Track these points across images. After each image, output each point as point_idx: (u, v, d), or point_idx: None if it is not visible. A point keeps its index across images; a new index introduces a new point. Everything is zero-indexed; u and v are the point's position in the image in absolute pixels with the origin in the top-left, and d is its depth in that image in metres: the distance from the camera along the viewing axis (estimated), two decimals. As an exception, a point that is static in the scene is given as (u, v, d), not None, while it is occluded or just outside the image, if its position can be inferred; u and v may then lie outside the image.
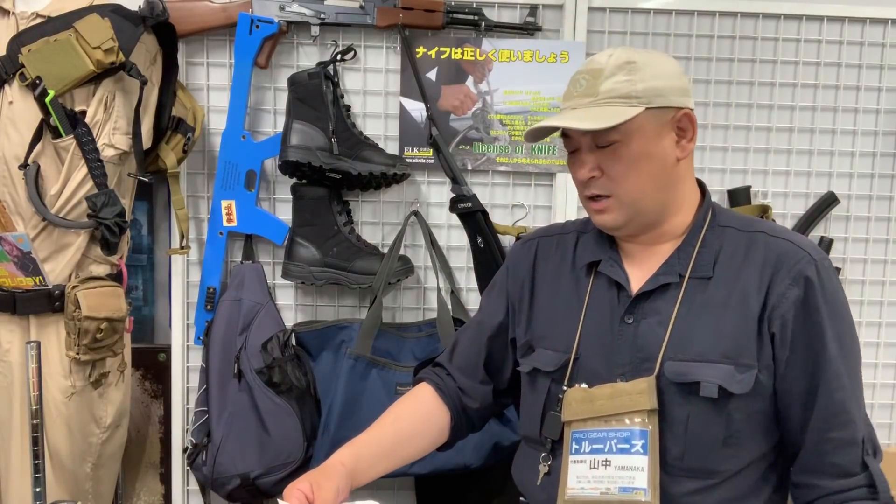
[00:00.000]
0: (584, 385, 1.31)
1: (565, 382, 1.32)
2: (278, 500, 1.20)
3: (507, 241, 2.07)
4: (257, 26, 2.00)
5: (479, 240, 2.00)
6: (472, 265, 2.07)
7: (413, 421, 1.43)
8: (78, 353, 1.74)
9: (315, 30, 2.04)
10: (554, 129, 1.31)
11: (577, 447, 1.28)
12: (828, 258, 1.30)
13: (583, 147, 1.28)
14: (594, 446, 1.27)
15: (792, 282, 1.24)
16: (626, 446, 1.25)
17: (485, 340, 1.48)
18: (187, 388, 2.15)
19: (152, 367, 2.19)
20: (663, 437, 1.24)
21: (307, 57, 2.09)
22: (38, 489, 1.30)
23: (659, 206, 1.30)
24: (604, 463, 1.26)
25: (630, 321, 1.30)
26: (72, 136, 1.70)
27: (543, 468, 1.34)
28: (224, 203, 2.08)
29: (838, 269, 2.17)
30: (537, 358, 1.37)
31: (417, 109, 2.09)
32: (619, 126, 1.23)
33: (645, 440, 1.24)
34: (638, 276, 1.33)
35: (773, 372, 1.25)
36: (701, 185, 1.37)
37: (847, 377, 1.25)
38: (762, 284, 1.26)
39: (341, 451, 1.35)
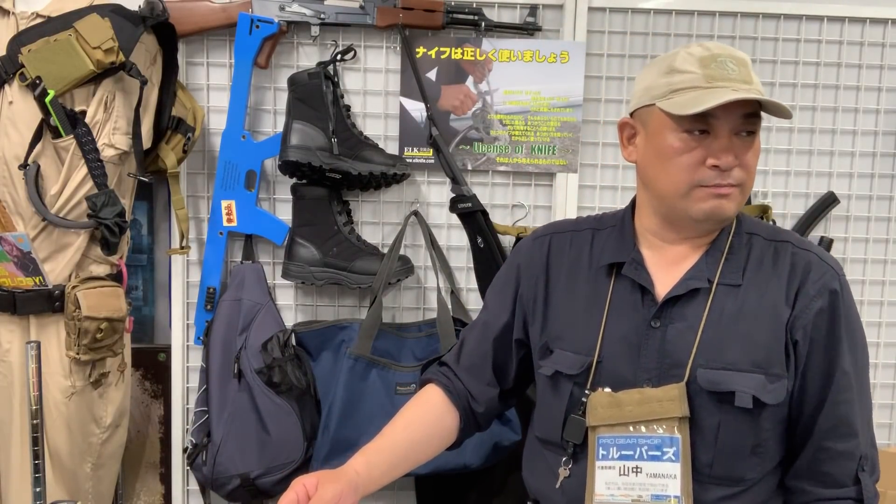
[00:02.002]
0: (608, 389, 1.29)
1: (588, 386, 1.31)
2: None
3: (507, 241, 2.07)
4: (257, 26, 2.00)
5: (479, 240, 2.01)
6: (472, 265, 2.07)
7: (425, 425, 1.41)
8: (78, 353, 1.74)
9: (315, 30, 2.04)
10: (704, 104, 1.22)
11: (605, 453, 1.27)
12: (844, 273, 1.32)
13: (721, 133, 1.22)
14: (623, 452, 1.26)
15: (817, 293, 1.26)
16: (658, 453, 1.24)
17: (491, 341, 1.45)
18: (187, 388, 2.15)
19: (152, 367, 2.19)
20: (693, 445, 1.24)
21: (307, 57, 2.09)
22: (38, 489, 1.30)
23: None
24: (634, 470, 1.25)
25: (657, 325, 1.28)
26: (72, 136, 1.70)
27: (564, 472, 1.32)
28: (224, 203, 2.08)
29: (838, 270, 2.17)
30: (558, 360, 1.34)
31: (417, 109, 2.09)
32: (760, 118, 1.24)
33: (677, 447, 1.23)
34: (662, 279, 1.31)
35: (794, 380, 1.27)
36: None
37: (856, 392, 1.27)
38: (790, 294, 1.27)
39: (356, 459, 1.33)
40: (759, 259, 1.30)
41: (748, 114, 1.22)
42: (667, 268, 1.32)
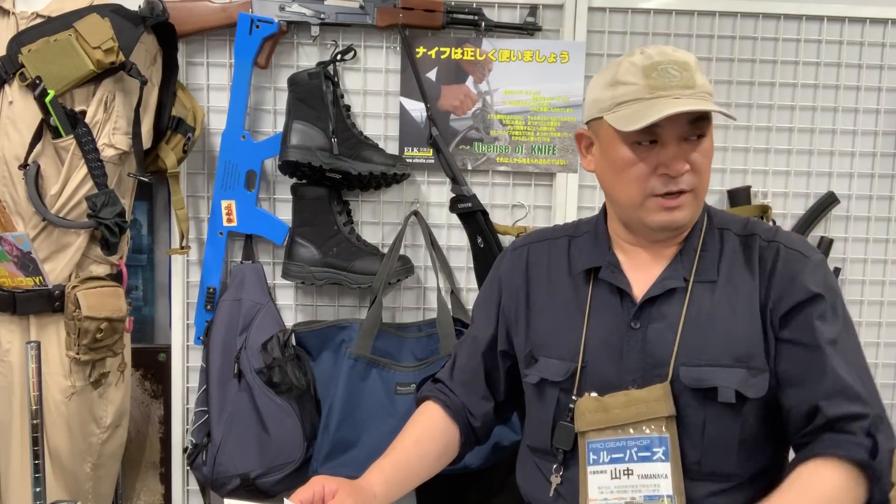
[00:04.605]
0: (594, 394, 1.30)
1: (574, 392, 1.31)
2: (284, 500, 1.20)
3: (507, 241, 2.07)
4: (257, 26, 2.00)
5: (479, 240, 2.00)
6: (472, 265, 2.07)
7: (433, 442, 1.43)
8: (78, 353, 1.74)
9: (315, 30, 2.04)
10: (650, 116, 1.22)
11: (596, 457, 1.28)
12: (818, 252, 1.31)
13: (669, 140, 1.23)
14: (613, 455, 1.27)
15: (788, 282, 1.26)
16: (648, 454, 1.25)
17: (480, 356, 1.47)
18: (187, 388, 2.15)
19: (152, 367, 2.19)
20: (681, 443, 1.25)
21: (307, 57, 2.09)
22: (38, 489, 1.30)
23: None
24: (626, 472, 1.26)
25: (637, 327, 1.29)
26: (72, 136, 1.70)
27: (556, 479, 1.33)
28: (224, 203, 2.08)
29: (838, 270, 2.17)
30: (543, 368, 1.35)
31: (417, 109, 2.09)
32: (710, 121, 1.24)
33: (666, 447, 1.24)
34: (639, 280, 1.32)
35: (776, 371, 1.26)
36: None
37: (846, 360, 1.24)
38: (762, 288, 1.27)
39: (374, 476, 1.33)
40: (732, 254, 1.31)
41: (695, 118, 1.23)
42: (643, 269, 1.32)
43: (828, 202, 2.16)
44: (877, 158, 2.18)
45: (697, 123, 1.23)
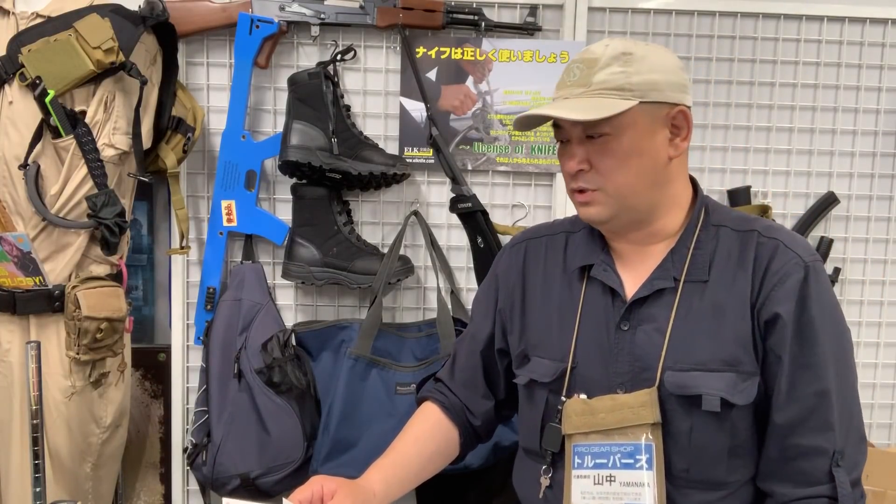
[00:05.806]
0: (583, 396, 1.27)
1: (563, 393, 1.29)
2: (283, 500, 1.20)
3: (507, 241, 2.07)
4: (257, 26, 2.00)
5: (479, 240, 2.01)
6: (472, 265, 2.07)
7: (433, 441, 1.43)
8: (78, 353, 1.74)
9: (315, 30, 2.04)
10: (544, 118, 1.26)
11: (580, 461, 1.25)
12: (819, 259, 1.26)
13: (573, 138, 1.24)
14: (597, 461, 1.24)
15: (779, 282, 1.21)
16: (631, 461, 1.22)
17: (478, 354, 1.46)
18: (187, 388, 2.15)
19: (152, 367, 2.19)
20: (668, 450, 1.22)
21: (307, 57, 2.09)
22: (38, 489, 1.30)
23: (648, 204, 1.25)
24: (608, 478, 1.23)
25: (626, 328, 1.27)
26: (72, 136, 1.70)
27: (545, 481, 1.31)
28: (224, 203, 2.08)
29: (838, 270, 2.17)
30: (533, 368, 1.34)
31: (417, 109, 2.09)
32: (611, 119, 1.18)
33: (650, 454, 1.21)
34: (631, 279, 1.29)
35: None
36: (693, 182, 1.33)
37: (832, 383, 1.20)
38: (754, 287, 1.22)
39: (373, 475, 1.33)
40: (727, 252, 1.26)
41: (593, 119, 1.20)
42: (635, 267, 1.30)
43: (828, 202, 2.16)
44: (877, 158, 2.18)
45: (593, 124, 1.20)
